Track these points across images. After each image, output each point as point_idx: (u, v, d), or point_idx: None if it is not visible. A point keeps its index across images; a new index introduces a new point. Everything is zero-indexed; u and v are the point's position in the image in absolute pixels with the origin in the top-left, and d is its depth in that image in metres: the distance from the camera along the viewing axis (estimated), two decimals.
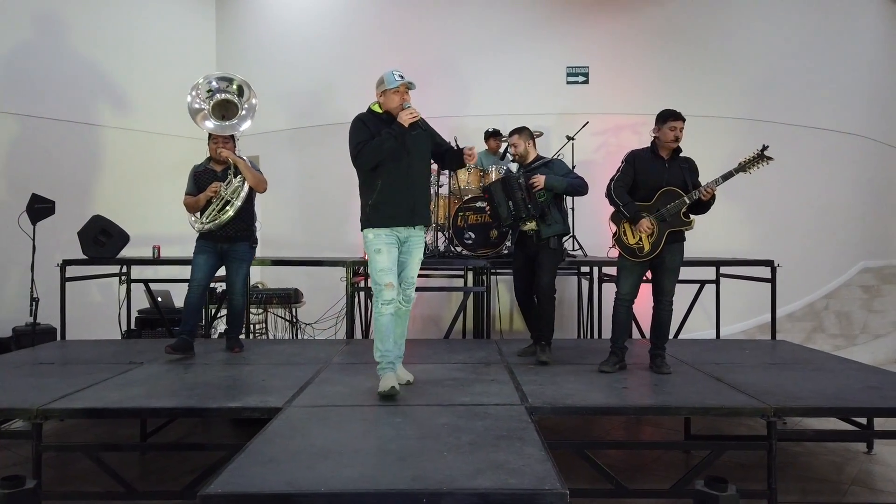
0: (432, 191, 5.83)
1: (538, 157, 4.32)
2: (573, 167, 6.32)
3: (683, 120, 3.82)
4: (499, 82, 7.21)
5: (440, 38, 7.27)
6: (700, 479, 2.24)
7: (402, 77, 3.33)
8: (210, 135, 4.38)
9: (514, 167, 4.59)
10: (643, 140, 7.16)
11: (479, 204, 5.46)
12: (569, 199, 5.47)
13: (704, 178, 3.84)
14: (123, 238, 5.27)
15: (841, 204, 8.11)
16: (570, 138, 6.23)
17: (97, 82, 7.30)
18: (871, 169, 8.61)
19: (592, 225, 6.46)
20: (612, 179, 3.91)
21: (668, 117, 3.81)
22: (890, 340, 7.19)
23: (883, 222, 8.92)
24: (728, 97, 7.39)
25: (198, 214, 4.31)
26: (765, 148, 3.72)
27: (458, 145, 6.12)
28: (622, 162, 3.94)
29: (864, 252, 8.58)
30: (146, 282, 5.76)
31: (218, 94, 4.40)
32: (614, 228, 3.96)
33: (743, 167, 3.73)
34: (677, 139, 3.78)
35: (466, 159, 3.61)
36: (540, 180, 4.07)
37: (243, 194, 4.29)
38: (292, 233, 7.94)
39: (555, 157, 5.49)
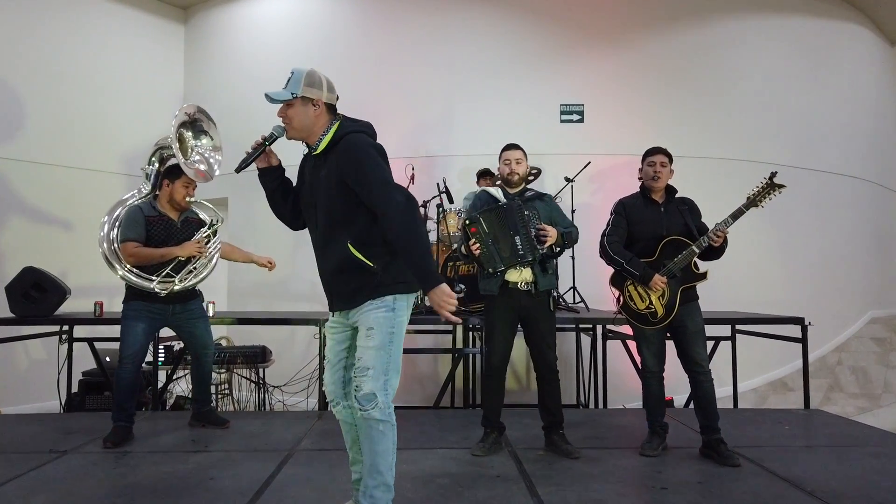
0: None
1: (525, 188, 3.49)
2: (573, 211, 5.80)
3: (665, 153, 3.31)
4: (489, 120, 6.70)
5: (428, 75, 6.78)
6: None
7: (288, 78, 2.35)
8: (175, 174, 3.61)
9: (495, 192, 3.44)
10: None
11: None
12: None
13: (708, 222, 3.31)
14: (60, 293, 4.55)
15: (843, 249, 7.69)
16: (569, 180, 5.70)
17: (44, 117, 6.65)
18: (872, 213, 8.25)
19: (594, 274, 5.87)
20: (603, 234, 3.35)
21: (645, 154, 3.35)
22: None
23: (888, 269, 8.51)
24: (726, 138, 6.99)
25: (130, 268, 3.52)
26: (773, 175, 3.19)
27: (446, 187, 5.60)
28: (612, 213, 3.40)
29: (871, 301, 8.15)
30: (90, 341, 5.02)
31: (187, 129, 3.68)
32: (616, 293, 3.37)
33: (753, 202, 3.18)
34: (656, 176, 3.26)
35: None
36: (552, 233, 3.21)
37: (218, 255, 3.81)
38: (262, 282, 7.23)
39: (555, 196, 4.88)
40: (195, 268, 3.62)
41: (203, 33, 8.05)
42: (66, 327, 4.91)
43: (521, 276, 3.26)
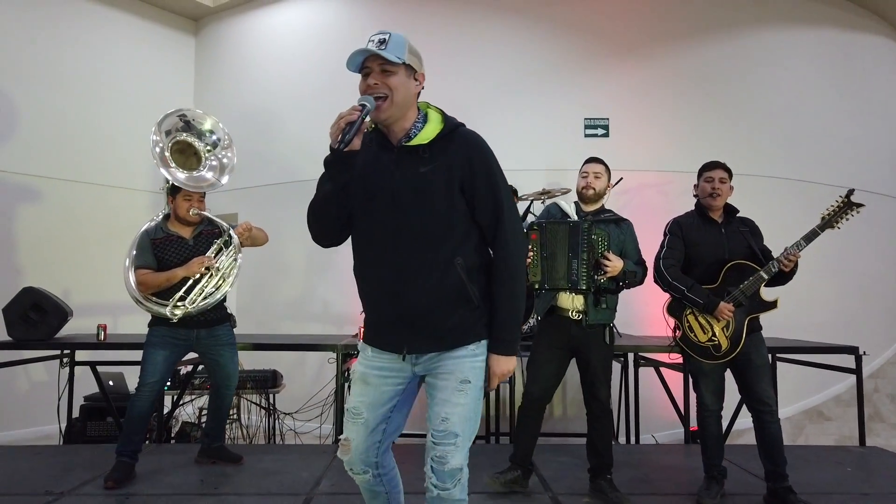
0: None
1: (604, 208, 3.20)
2: None
3: (724, 168, 3.06)
4: (511, 134, 6.45)
5: (448, 88, 6.47)
6: None
7: (375, 40, 1.74)
8: (175, 188, 3.35)
9: (566, 206, 3.18)
10: (670, 201, 6.44)
11: None
12: None
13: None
14: (61, 315, 4.27)
15: (875, 271, 7.36)
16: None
17: (47, 129, 6.40)
18: None
19: (623, 294, 5.58)
20: (658, 257, 3.06)
21: (702, 168, 3.10)
22: None
23: None
24: (755, 154, 6.71)
25: (144, 295, 3.23)
26: (850, 193, 2.91)
27: None
28: (665, 233, 3.11)
29: None
30: (93, 364, 4.73)
31: (178, 135, 3.40)
32: (673, 322, 3.08)
33: (829, 222, 2.93)
34: (715, 193, 3.00)
35: None
36: (614, 266, 2.90)
37: (237, 270, 3.41)
38: (272, 302, 6.96)
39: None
40: (205, 287, 3.29)
41: (214, 45, 7.84)
42: (67, 350, 4.65)
43: (573, 302, 2.98)
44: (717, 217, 3.05)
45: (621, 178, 5.59)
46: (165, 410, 4.97)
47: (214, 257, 3.34)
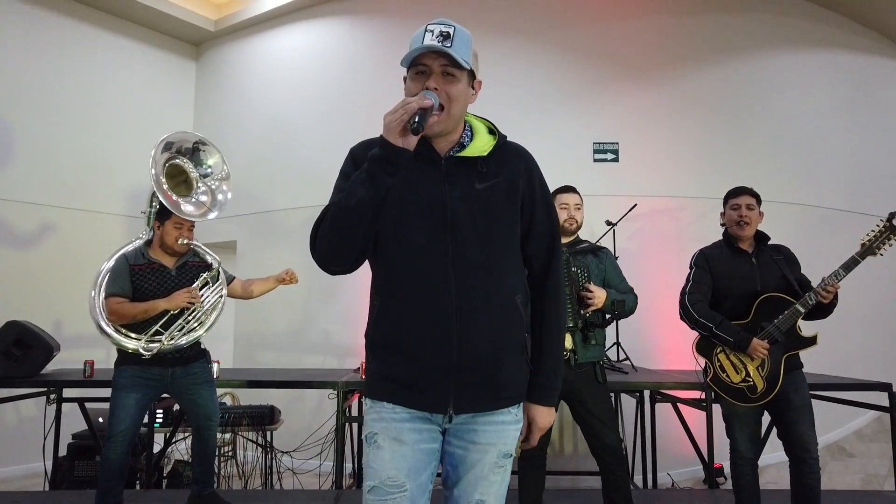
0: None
1: (578, 238, 3.05)
2: (615, 258, 5.31)
3: (751, 194, 2.87)
4: None
5: None
6: None
7: (435, 31, 1.41)
8: (163, 213, 3.13)
9: None
10: (683, 227, 6.26)
11: None
12: None
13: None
14: (46, 350, 4.05)
15: (893, 299, 7.14)
16: (611, 224, 5.21)
17: (42, 154, 6.22)
18: None
19: (637, 326, 5.34)
20: (683, 293, 2.86)
21: (727, 195, 2.92)
22: None
23: None
24: (770, 178, 6.48)
25: (115, 326, 3.00)
26: (893, 216, 2.72)
27: None
28: (691, 266, 2.91)
29: None
30: (81, 401, 4.50)
31: (176, 157, 3.22)
32: (703, 362, 2.86)
33: (869, 249, 2.73)
34: (742, 221, 2.80)
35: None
36: (599, 297, 2.73)
37: (222, 305, 3.22)
38: (271, 333, 6.72)
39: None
40: (188, 322, 3.07)
41: (215, 70, 7.72)
42: (52, 388, 4.41)
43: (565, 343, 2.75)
44: (746, 247, 2.85)
45: (635, 205, 5.44)
46: (157, 449, 4.72)
47: (200, 291, 3.12)
